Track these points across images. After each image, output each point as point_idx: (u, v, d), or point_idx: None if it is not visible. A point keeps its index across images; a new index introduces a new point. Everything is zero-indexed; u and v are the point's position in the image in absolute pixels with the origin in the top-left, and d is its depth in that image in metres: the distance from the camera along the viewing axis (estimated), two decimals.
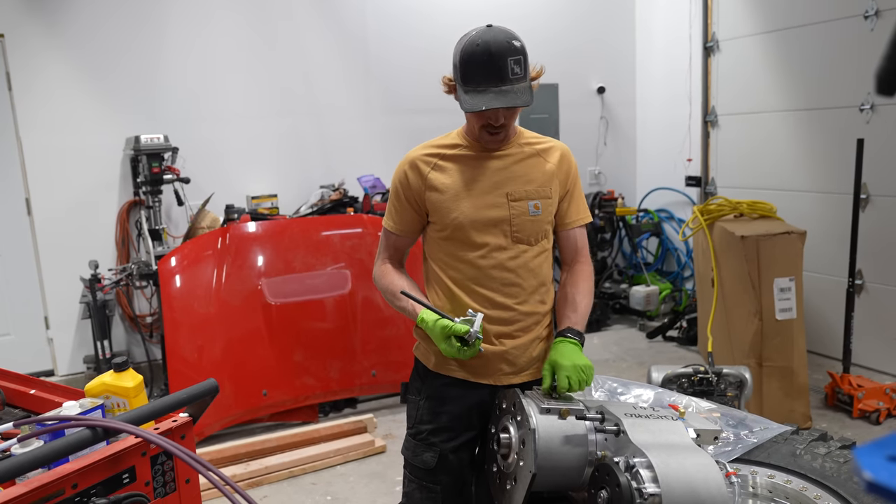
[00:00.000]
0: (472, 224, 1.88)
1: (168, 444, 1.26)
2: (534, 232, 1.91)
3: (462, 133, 1.97)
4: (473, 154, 1.92)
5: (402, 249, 2.04)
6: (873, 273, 4.64)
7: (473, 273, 1.89)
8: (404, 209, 1.97)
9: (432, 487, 1.93)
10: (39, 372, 4.69)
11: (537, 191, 1.91)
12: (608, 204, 6.18)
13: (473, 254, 1.89)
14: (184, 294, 4.09)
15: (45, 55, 4.52)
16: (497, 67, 1.75)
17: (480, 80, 1.76)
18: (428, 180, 1.91)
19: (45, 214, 4.62)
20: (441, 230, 1.92)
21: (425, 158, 1.93)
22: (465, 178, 1.90)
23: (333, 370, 4.27)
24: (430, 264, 1.99)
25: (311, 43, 5.30)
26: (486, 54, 1.75)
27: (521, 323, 1.91)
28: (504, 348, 1.90)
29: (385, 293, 2.00)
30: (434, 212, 1.92)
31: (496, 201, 1.88)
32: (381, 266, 2.03)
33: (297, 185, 5.27)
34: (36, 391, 1.74)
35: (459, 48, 1.81)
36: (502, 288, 1.89)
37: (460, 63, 1.79)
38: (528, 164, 1.92)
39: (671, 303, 6.11)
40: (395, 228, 2.00)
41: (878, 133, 4.48)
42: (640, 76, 6.61)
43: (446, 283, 1.93)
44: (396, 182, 1.97)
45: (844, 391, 4.09)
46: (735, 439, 1.95)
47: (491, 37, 1.77)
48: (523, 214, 1.89)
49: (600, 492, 1.50)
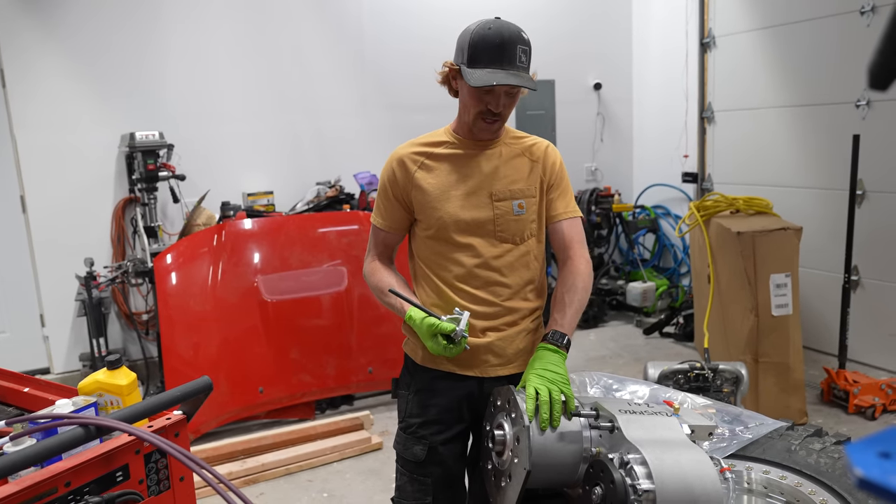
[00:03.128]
0: (456, 224, 1.89)
1: (161, 441, 1.26)
2: (518, 231, 1.92)
3: (450, 130, 1.98)
4: (460, 153, 1.93)
5: (391, 246, 2.05)
6: (869, 269, 4.65)
7: (459, 271, 1.91)
8: (392, 206, 1.98)
9: (423, 480, 1.95)
10: (35, 370, 4.68)
11: (521, 190, 1.92)
12: (605, 200, 6.18)
13: (458, 253, 1.91)
14: (180, 291, 4.08)
15: (38, 51, 4.50)
16: (508, 51, 1.78)
17: (490, 60, 1.78)
18: (414, 179, 1.92)
19: (40, 212, 4.61)
20: (426, 229, 1.94)
21: (412, 156, 1.94)
22: (450, 178, 1.91)
23: (330, 367, 4.27)
24: (417, 261, 2.01)
25: (306, 39, 5.29)
26: (499, 37, 1.78)
27: (507, 317, 1.93)
28: (489, 340, 1.92)
29: (374, 290, 2.01)
30: (419, 211, 1.94)
31: (480, 202, 1.90)
32: (370, 263, 2.05)
33: (293, 181, 5.26)
34: (30, 389, 1.73)
35: (469, 32, 1.82)
36: (488, 286, 1.91)
37: (470, 44, 1.80)
38: (513, 164, 1.94)
39: (668, 299, 6.11)
40: (384, 225, 2.01)
41: (874, 129, 4.48)
42: (637, 73, 6.60)
43: (433, 280, 1.94)
44: (384, 179, 1.98)
45: (840, 387, 4.10)
46: (730, 435, 1.95)
47: (502, 24, 1.81)
48: (507, 214, 1.90)
49: (595, 488, 1.50)
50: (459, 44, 1.85)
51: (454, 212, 1.89)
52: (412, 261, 2.04)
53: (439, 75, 1.92)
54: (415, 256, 2.02)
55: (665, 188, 6.36)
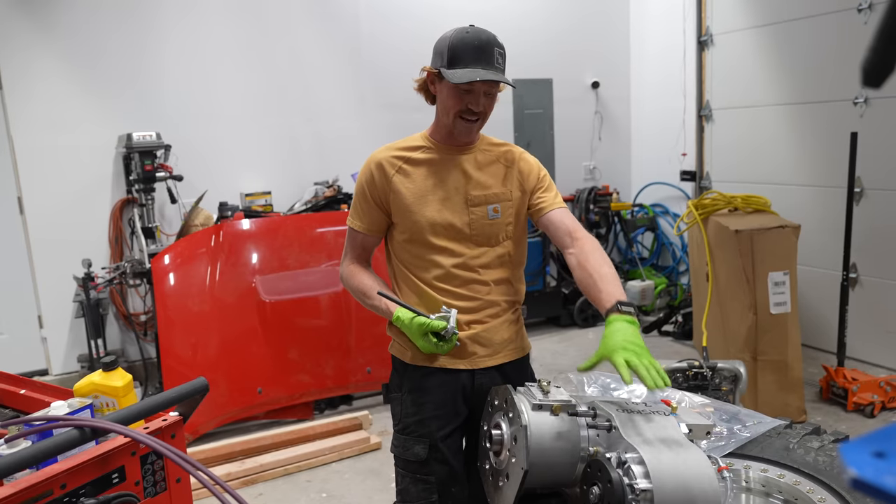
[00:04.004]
0: (433, 228, 1.93)
1: (156, 443, 1.25)
2: (493, 234, 1.96)
3: (426, 136, 2.01)
4: (437, 157, 1.97)
5: (369, 249, 2.07)
6: (867, 266, 4.65)
7: (438, 272, 1.94)
8: (371, 208, 2.00)
9: (427, 479, 1.95)
10: (33, 371, 4.68)
11: (496, 195, 1.96)
12: (603, 199, 6.18)
13: (436, 255, 1.94)
14: (178, 292, 4.08)
15: (35, 52, 4.49)
16: (486, 51, 1.84)
17: (470, 60, 1.83)
18: (392, 184, 1.95)
19: (38, 213, 4.60)
20: (403, 232, 1.97)
21: (391, 160, 1.97)
22: (427, 183, 1.94)
23: (328, 367, 4.27)
24: (396, 263, 2.02)
25: (303, 38, 5.28)
26: (477, 39, 1.85)
27: (490, 310, 1.98)
28: (475, 332, 1.96)
29: (355, 293, 2.03)
30: (396, 214, 1.96)
31: (456, 207, 1.94)
32: (347, 266, 2.06)
33: (291, 182, 5.25)
34: (26, 391, 1.73)
35: (446, 38, 1.88)
36: (467, 284, 1.95)
37: (449, 47, 1.85)
38: (488, 170, 1.98)
39: (666, 297, 6.11)
40: (362, 228, 2.02)
41: (871, 126, 4.48)
42: (635, 71, 6.60)
43: (413, 281, 1.97)
44: (362, 181, 1.99)
45: (839, 384, 4.10)
46: (728, 434, 1.95)
47: (479, 29, 1.88)
48: (482, 219, 1.94)
49: (592, 488, 1.49)
50: (437, 49, 1.90)
51: (431, 216, 1.92)
52: (390, 263, 2.06)
53: (416, 83, 1.96)
54: (393, 258, 2.04)
55: (663, 186, 6.36)
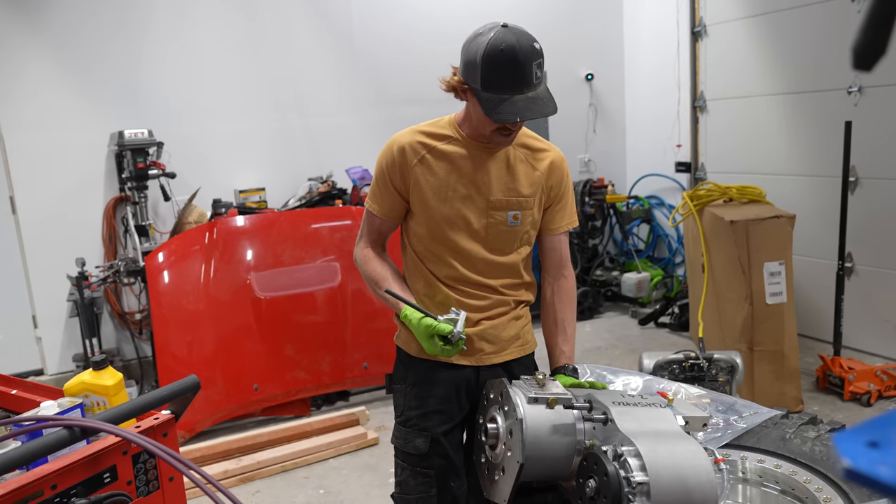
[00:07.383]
0: (450, 226, 1.88)
1: (147, 442, 1.24)
2: (509, 241, 1.92)
3: (455, 124, 1.90)
4: (464, 152, 1.87)
5: (385, 234, 2.01)
6: (863, 255, 4.65)
7: (448, 272, 1.91)
8: (389, 193, 1.92)
9: (426, 472, 1.93)
10: (28, 371, 4.66)
11: (519, 202, 1.89)
12: (598, 191, 6.16)
13: (449, 256, 1.90)
14: (172, 290, 4.06)
15: (26, 51, 4.46)
16: (523, 74, 1.69)
17: (506, 86, 1.69)
18: (413, 173, 1.87)
19: (30, 213, 4.57)
20: (419, 224, 1.92)
21: (414, 146, 1.88)
22: (449, 178, 1.87)
23: (325, 363, 4.26)
24: (411, 253, 1.98)
25: (296, 34, 5.25)
26: (513, 62, 1.68)
27: (499, 308, 1.96)
28: (482, 328, 1.93)
29: (367, 279, 1.99)
30: (414, 205, 1.91)
31: (476, 208, 1.88)
32: (362, 249, 2.00)
33: (285, 178, 5.23)
34: (17, 391, 1.71)
35: (479, 50, 1.69)
36: (478, 286, 1.93)
37: (483, 67, 1.69)
38: (515, 172, 1.89)
39: (663, 289, 6.11)
40: (380, 212, 1.96)
41: (866, 115, 4.47)
42: (629, 63, 6.58)
43: (426, 274, 1.94)
44: (382, 164, 1.91)
45: (835, 374, 4.10)
46: (725, 425, 1.95)
47: (514, 40, 1.68)
48: (501, 224, 1.89)
49: (588, 481, 1.49)
50: (468, 59, 1.73)
51: (448, 214, 1.87)
52: (405, 252, 2.01)
53: (442, 83, 1.82)
54: (408, 248, 1.99)
55: (658, 178, 6.35)
